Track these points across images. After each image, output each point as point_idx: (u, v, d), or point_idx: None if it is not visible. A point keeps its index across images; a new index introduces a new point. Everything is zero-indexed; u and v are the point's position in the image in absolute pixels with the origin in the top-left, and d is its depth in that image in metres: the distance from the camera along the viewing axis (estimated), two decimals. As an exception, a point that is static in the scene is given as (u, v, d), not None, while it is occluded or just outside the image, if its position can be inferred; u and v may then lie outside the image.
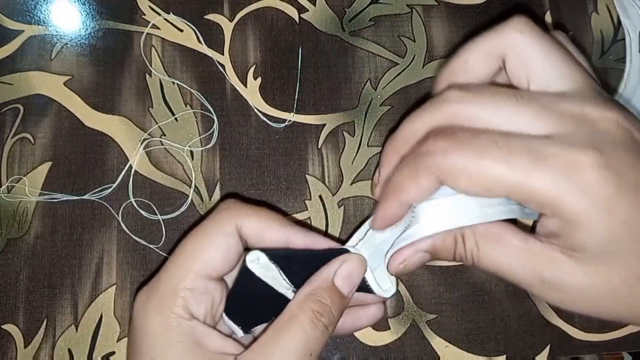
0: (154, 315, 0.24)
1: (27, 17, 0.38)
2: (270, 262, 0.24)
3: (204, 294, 0.24)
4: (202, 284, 0.24)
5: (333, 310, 0.24)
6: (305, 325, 0.23)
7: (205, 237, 0.25)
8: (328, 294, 0.24)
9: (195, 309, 0.24)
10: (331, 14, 0.40)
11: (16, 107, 0.36)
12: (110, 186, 0.35)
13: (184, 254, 0.25)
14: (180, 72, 0.37)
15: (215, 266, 0.25)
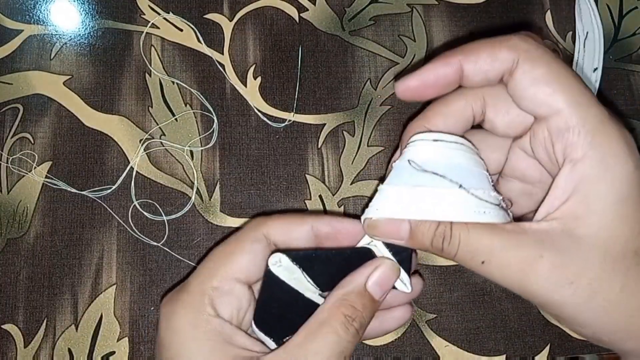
0: (183, 314, 0.24)
1: (27, 17, 0.38)
2: (293, 264, 0.24)
3: (230, 294, 0.24)
4: (228, 284, 0.24)
5: (364, 314, 0.24)
6: (339, 329, 0.23)
7: (234, 243, 0.26)
8: (360, 299, 0.24)
9: (221, 309, 0.24)
10: (331, 13, 0.40)
11: (16, 106, 0.36)
12: (110, 187, 0.35)
13: (212, 259, 0.26)
14: (180, 72, 0.37)
15: (242, 269, 0.25)
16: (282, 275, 0.24)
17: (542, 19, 0.41)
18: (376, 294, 0.25)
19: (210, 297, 0.24)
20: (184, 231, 0.35)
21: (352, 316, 0.24)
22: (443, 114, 0.25)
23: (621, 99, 0.39)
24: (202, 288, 0.24)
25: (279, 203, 0.36)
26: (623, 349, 0.22)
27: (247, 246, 0.25)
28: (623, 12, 0.41)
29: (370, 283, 0.25)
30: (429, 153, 0.24)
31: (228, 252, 0.26)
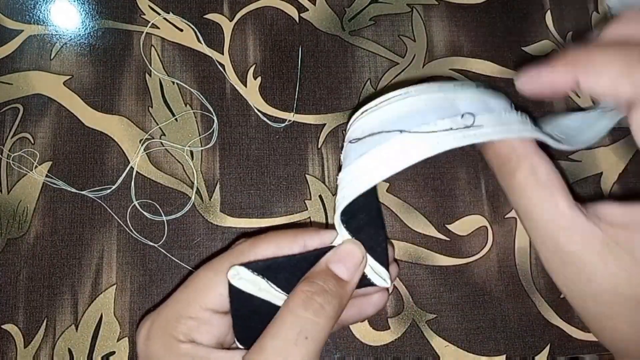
0: (156, 339, 0.24)
1: (27, 17, 0.38)
2: (254, 275, 0.24)
3: (207, 324, 0.24)
4: (206, 315, 0.24)
5: (329, 291, 0.23)
6: (295, 308, 0.22)
7: (214, 273, 0.25)
8: (322, 276, 0.24)
9: (199, 337, 0.24)
10: (331, 13, 0.40)
11: (16, 107, 0.36)
12: (110, 187, 0.35)
13: (192, 286, 0.25)
14: (180, 72, 0.37)
15: (221, 300, 0.24)
16: (247, 288, 0.24)
17: (542, 19, 0.41)
18: (341, 273, 0.24)
19: (187, 326, 0.24)
20: (184, 231, 0.35)
21: (312, 290, 0.23)
22: None
23: (621, 99, 0.39)
24: (177, 316, 0.24)
25: (279, 203, 0.36)
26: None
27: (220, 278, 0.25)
28: (623, 12, 0.41)
29: (330, 262, 0.24)
30: (362, 125, 0.23)
31: (207, 282, 0.25)
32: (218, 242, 0.35)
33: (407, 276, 0.35)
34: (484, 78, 0.39)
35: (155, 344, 0.24)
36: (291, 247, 0.25)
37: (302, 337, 0.22)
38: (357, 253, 0.24)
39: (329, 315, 0.23)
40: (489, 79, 0.39)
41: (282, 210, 0.36)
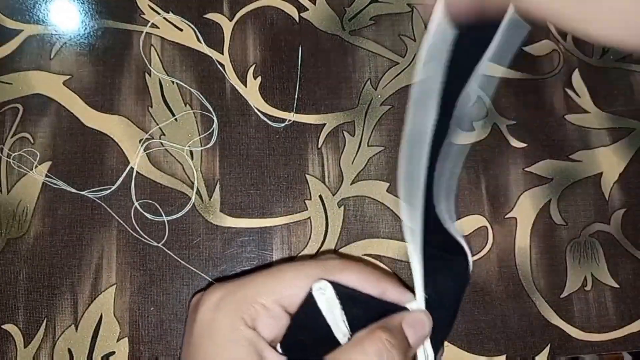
0: (226, 312, 0.24)
1: (26, 17, 0.38)
2: (335, 297, 0.24)
3: (274, 318, 0.24)
4: (277, 309, 0.24)
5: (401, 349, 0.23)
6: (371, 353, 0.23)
7: (303, 274, 0.25)
8: (397, 333, 0.24)
9: (261, 327, 0.24)
10: (331, 13, 0.39)
11: (15, 106, 0.36)
12: (110, 187, 0.35)
13: (275, 276, 0.25)
14: (179, 72, 0.37)
15: (291, 298, 0.24)
16: (321, 305, 0.24)
17: (543, 19, 0.40)
18: (410, 337, 0.24)
19: (257, 312, 0.24)
20: (184, 231, 0.35)
21: (391, 342, 0.23)
22: None
23: (621, 99, 0.39)
24: (252, 299, 0.24)
25: (279, 203, 0.36)
26: None
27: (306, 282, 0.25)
28: (623, 11, 0.41)
29: (405, 322, 0.24)
30: None
31: (290, 281, 0.25)
32: (218, 242, 0.35)
33: (407, 276, 0.35)
34: (484, 78, 0.39)
35: (224, 317, 0.24)
36: (373, 286, 0.25)
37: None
38: (427, 326, 0.25)
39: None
40: (489, 79, 0.39)
41: (282, 210, 0.36)
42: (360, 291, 0.25)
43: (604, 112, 0.39)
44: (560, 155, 0.38)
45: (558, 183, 0.37)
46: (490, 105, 0.38)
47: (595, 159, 0.38)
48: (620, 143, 0.38)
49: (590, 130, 0.38)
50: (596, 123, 0.38)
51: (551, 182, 0.37)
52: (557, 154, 0.38)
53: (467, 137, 0.38)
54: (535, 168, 0.37)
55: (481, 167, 0.37)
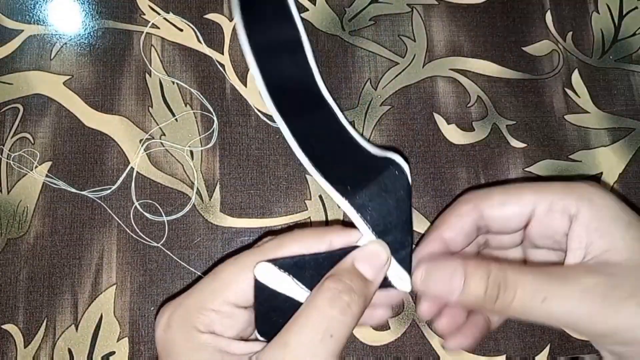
0: (177, 328, 0.24)
1: (27, 17, 0.38)
2: (281, 271, 0.24)
3: (229, 318, 0.24)
4: (228, 309, 0.24)
5: (355, 289, 0.23)
6: (322, 305, 0.22)
7: (240, 268, 0.25)
8: (348, 275, 0.24)
9: (219, 329, 0.24)
10: (331, 13, 0.40)
11: (16, 106, 0.36)
12: (110, 187, 0.35)
13: (216, 279, 0.25)
14: (180, 72, 0.37)
15: (244, 295, 0.24)
16: (272, 285, 0.24)
17: (542, 19, 0.41)
18: (366, 272, 0.24)
19: (209, 318, 0.24)
20: (184, 231, 0.35)
21: (339, 288, 0.23)
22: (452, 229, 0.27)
23: (621, 99, 0.39)
24: (200, 307, 0.24)
25: (279, 203, 0.36)
26: None
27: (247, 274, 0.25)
28: (623, 12, 0.41)
29: (358, 259, 0.24)
30: None
31: (232, 276, 0.25)
32: (218, 242, 0.35)
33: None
34: (484, 78, 0.39)
35: (176, 333, 0.24)
36: (318, 245, 0.25)
37: (327, 335, 0.22)
38: (382, 254, 0.25)
39: (354, 314, 0.23)
40: (489, 79, 0.39)
41: (282, 210, 0.36)
42: (303, 254, 0.25)
43: (604, 112, 0.39)
44: (560, 156, 0.38)
45: (558, 183, 0.37)
46: (490, 105, 0.38)
47: (595, 159, 0.38)
48: (620, 143, 0.38)
49: (590, 131, 0.38)
50: (596, 123, 0.38)
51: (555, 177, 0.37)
52: (557, 154, 0.38)
53: (467, 137, 0.38)
54: (535, 168, 0.37)
55: (481, 167, 0.37)
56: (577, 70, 0.39)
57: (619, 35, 0.41)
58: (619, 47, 0.40)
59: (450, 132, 0.38)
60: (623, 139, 0.38)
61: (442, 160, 0.37)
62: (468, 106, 0.38)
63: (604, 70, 0.40)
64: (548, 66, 0.39)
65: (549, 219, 0.25)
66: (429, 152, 0.37)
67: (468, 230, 0.27)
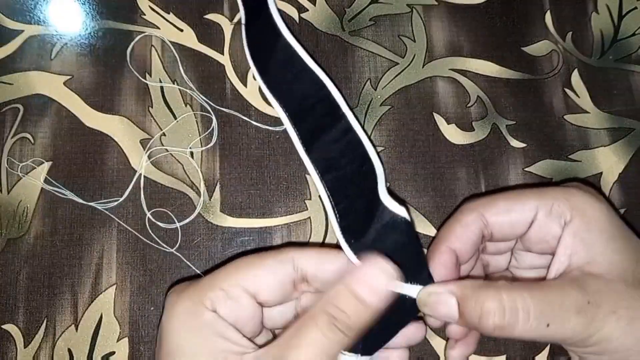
0: (183, 303, 0.24)
1: (27, 17, 0.38)
2: None
3: (234, 300, 0.24)
4: (237, 291, 0.24)
5: (351, 316, 0.23)
6: (322, 327, 0.23)
7: (259, 260, 0.26)
8: (345, 299, 0.24)
9: (222, 310, 0.24)
10: (331, 13, 0.40)
11: (16, 107, 0.36)
12: (118, 199, 0.35)
13: (232, 264, 0.26)
14: (180, 72, 0.37)
15: (255, 283, 0.25)
16: None
17: (542, 19, 0.41)
18: (366, 296, 0.24)
19: (215, 295, 0.24)
20: (184, 231, 0.35)
21: (335, 316, 0.23)
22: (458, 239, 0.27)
23: (621, 99, 0.39)
24: (210, 284, 0.25)
25: (279, 203, 0.36)
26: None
27: (269, 263, 0.25)
28: (623, 12, 0.41)
29: (356, 284, 0.24)
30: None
31: (248, 262, 0.26)
32: (218, 242, 0.35)
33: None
34: (484, 78, 0.39)
35: (180, 308, 0.24)
36: (333, 264, 0.26)
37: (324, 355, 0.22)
38: (383, 277, 0.24)
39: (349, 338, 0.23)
40: (489, 79, 0.39)
41: (282, 210, 0.36)
42: None
43: (604, 112, 0.39)
44: (559, 155, 0.38)
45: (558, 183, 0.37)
46: (490, 105, 0.38)
47: (595, 159, 0.38)
48: (620, 143, 0.38)
49: (590, 130, 0.38)
50: (596, 123, 0.38)
51: (551, 182, 0.37)
52: (557, 154, 0.38)
53: (467, 137, 0.38)
54: (534, 168, 0.37)
55: (481, 167, 0.37)
56: (577, 70, 0.39)
57: (618, 35, 0.41)
58: (618, 47, 0.40)
59: (450, 132, 0.38)
60: (623, 139, 0.38)
61: (442, 160, 0.37)
62: (468, 106, 0.38)
63: (603, 70, 0.40)
64: (548, 66, 0.39)
65: (548, 222, 0.26)
66: (429, 152, 0.37)
67: (475, 240, 0.27)
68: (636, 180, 0.38)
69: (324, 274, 0.26)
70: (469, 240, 0.27)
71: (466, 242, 0.27)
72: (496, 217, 0.27)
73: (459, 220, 0.27)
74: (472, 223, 0.27)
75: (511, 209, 0.27)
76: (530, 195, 0.27)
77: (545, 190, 0.27)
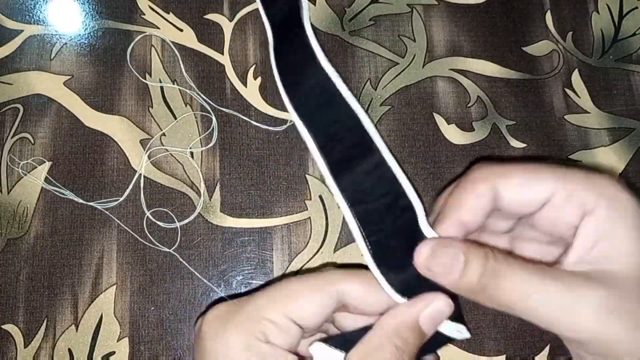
0: (236, 334, 0.23)
1: (27, 17, 0.38)
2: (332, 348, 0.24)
3: (285, 332, 0.24)
4: (286, 322, 0.24)
5: (413, 349, 0.23)
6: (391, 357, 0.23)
7: (304, 288, 0.25)
8: (412, 332, 0.24)
9: (274, 340, 0.24)
10: (331, 13, 0.40)
11: (16, 107, 0.36)
12: (117, 199, 0.35)
13: (278, 291, 0.25)
14: (180, 72, 0.37)
15: (301, 314, 0.24)
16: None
17: (542, 19, 0.41)
18: (427, 329, 0.24)
19: (265, 327, 0.24)
20: (184, 231, 0.35)
21: (403, 349, 0.23)
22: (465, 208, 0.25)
23: (621, 99, 0.39)
24: (259, 315, 0.24)
25: (279, 203, 0.36)
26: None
27: (316, 294, 0.25)
28: (623, 12, 0.41)
29: (423, 317, 0.24)
30: None
31: (294, 291, 0.25)
32: (218, 242, 0.35)
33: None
34: (484, 78, 0.39)
35: (233, 338, 0.23)
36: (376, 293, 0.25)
37: None
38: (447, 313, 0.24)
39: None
40: (489, 79, 0.39)
41: (282, 210, 0.36)
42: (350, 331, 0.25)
43: (604, 112, 0.39)
44: (560, 155, 0.38)
45: (558, 183, 0.37)
46: (490, 105, 0.38)
47: (595, 159, 0.38)
48: (620, 143, 0.38)
49: (590, 130, 0.38)
50: (596, 123, 0.38)
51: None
52: (557, 154, 0.38)
53: (467, 137, 0.38)
54: (535, 168, 0.37)
55: (481, 167, 0.37)
56: (577, 70, 0.39)
57: (618, 35, 0.41)
58: (619, 47, 0.40)
59: (450, 132, 0.38)
60: (623, 139, 0.38)
61: (442, 160, 0.37)
62: (468, 106, 0.38)
63: (604, 70, 0.40)
64: (548, 66, 0.39)
65: (564, 208, 0.23)
66: (429, 152, 0.37)
67: (487, 211, 0.25)
68: (636, 180, 0.38)
69: (366, 307, 0.25)
70: (481, 211, 0.24)
71: (477, 214, 0.24)
72: (509, 191, 0.24)
73: (471, 189, 0.25)
74: (485, 194, 0.24)
75: (525, 185, 0.24)
76: (547, 174, 0.24)
77: (566, 173, 0.24)
